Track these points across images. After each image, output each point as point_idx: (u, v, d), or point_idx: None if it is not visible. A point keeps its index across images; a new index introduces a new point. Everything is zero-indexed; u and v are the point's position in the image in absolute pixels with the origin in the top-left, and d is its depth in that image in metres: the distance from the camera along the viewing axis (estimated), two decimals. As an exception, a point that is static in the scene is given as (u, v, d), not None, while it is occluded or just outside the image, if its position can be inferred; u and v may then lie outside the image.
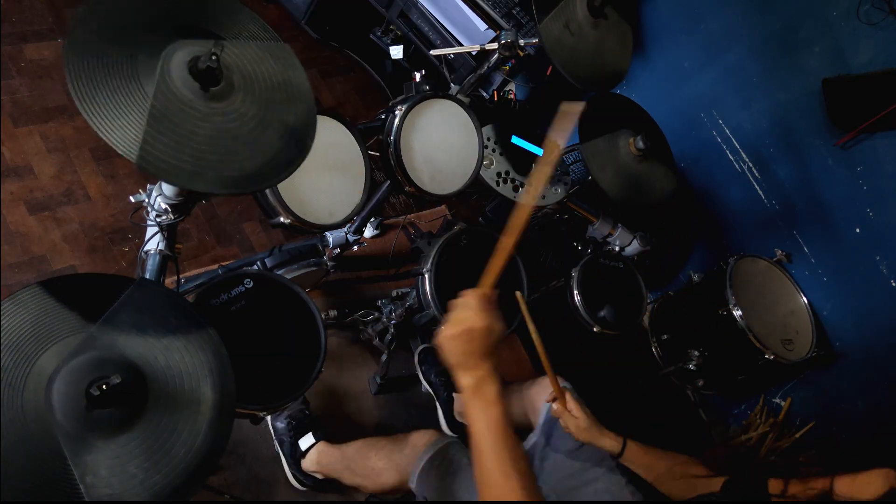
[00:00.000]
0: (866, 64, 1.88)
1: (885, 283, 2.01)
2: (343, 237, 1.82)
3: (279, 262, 1.70)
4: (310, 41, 2.76)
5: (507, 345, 2.39)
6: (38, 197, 1.91)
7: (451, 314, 0.99)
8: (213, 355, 1.02)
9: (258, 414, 1.34)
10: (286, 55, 1.16)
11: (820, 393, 2.27)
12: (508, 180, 1.84)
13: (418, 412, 2.10)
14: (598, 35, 1.71)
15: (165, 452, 0.91)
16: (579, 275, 1.90)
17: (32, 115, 2.01)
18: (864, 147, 1.97)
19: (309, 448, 1.75)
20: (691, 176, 2.52)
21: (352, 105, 2.77)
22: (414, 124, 1.60)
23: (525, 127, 1.92)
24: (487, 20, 2.38)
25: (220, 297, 1.37)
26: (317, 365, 1.42)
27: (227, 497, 1.63)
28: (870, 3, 1.84)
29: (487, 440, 0.91)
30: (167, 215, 1.24)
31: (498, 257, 1.07)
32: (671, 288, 2.69)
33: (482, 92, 2.62)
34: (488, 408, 0.93)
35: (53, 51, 2.14)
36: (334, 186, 1.47)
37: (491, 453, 0.91)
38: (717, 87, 2.33)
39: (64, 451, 0.84)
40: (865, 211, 2.01)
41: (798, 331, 2.12)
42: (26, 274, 1.80)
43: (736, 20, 2.20)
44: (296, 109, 1.14)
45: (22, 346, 0.88)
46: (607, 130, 1.80)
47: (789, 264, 2.27)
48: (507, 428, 0.92)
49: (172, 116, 0.97)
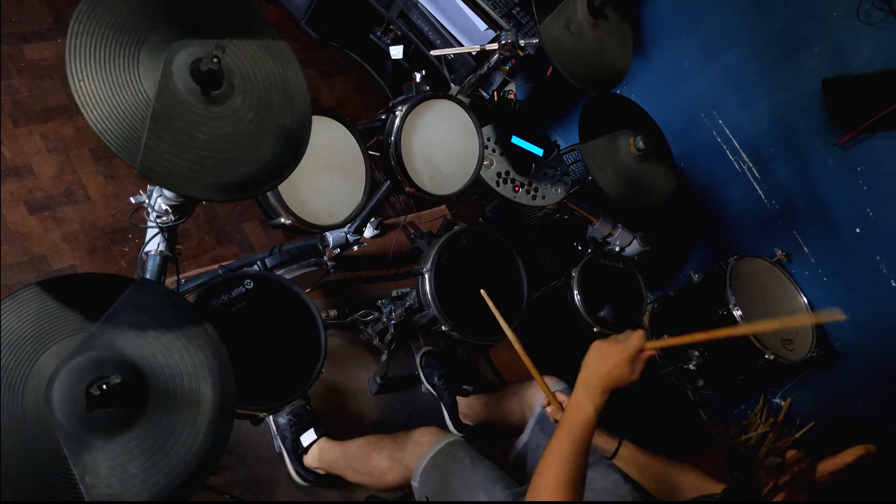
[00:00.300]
0: (866, 64, 1.88)
1: (885, 283, 2.01)
2: (343, 237, 1.83)
3: (279, 263, 1.70)
4: (310, 41, 2.76)
5: (506, 345, 2.39)
6: (38, 197, 1.91)
7: (624, 354, 1.15)
8: (213, 355, 1.02)
9: (258, 414, 1.34)
10: (284, 54, 1.16)
11: (820, 393, 2.27)
12: (508, 180, 1.84)
13: (418, 412, 2.10)
14: (598, 35, 1.71)
15: (165, 452, 0.91)
16: (579, 275, 1.90)
17: (32, 115, 2.01)
18: (864, 147, 1.97)
19: (310, 444, 1.75)
20: (691, 176, 2.52)
21: (352, 105, 2.77)
22: (414, 124, 1.60)
23: (525, 127, 1.92)
24: (487, 20, 2.38)
25: (221, 298, 1.37)
26: (317, 365, 1.42)
27: (227, 497, 1.63)
28: (870, 3, 1.84)
29: (570, 452, 1.05)
30: (167, 216, 1.24)
31: (690, 338, 1.22)
32: (671, 288, 2.69)
33: (482, 92, 2.62)
34: (588, 425, 1.08)
35: (53, 51, 2.14)
36: (334, 187, 1.47)
37: (566, 463, 1.03)
38: (717, 87, 2.33)
39: (64, 451, 0.84)
40: (865, 211, 2.01)
41: (798, 331, 2.12)
42: (26, 274, 1.80)
43: (736, 20, 2.20)
44: (292, 111, 1.14)
45: (22, 346, 0.88)
46: (607, 130, 1.80)
47: (789, 264, 2.27)
48: (587, 451, 1.07)
49: (174, 120, 0.97)
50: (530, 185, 1.87)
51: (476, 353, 2.33)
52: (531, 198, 1.87)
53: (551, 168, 1.93)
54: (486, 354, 2.35)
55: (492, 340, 1.75)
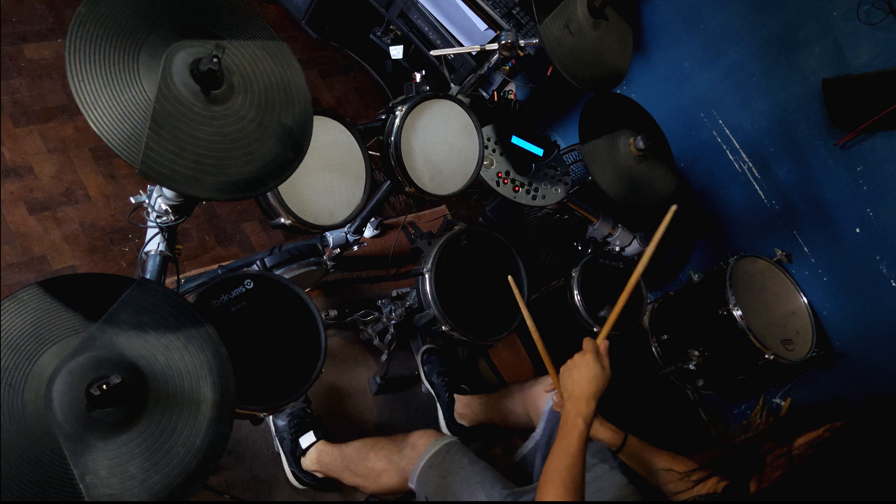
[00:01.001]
0: (866, 64, 1.88)
1: (885, 283, 2.01)
2: (343, 237, 1.83)
3: (279, 262, 1.71)
4: (310, 41, 2.76)
5: (506, 345, 2.40)
6: (38, 197, 1.91)
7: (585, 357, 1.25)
8: (213, 355, 1.02)
9: (258, 414, 1.34)
10: (284, 54, 1.16)
11: (820, 393, 2.27)
12: (508, 180, 1.84)
13: (418, 412, 2.10)
14: (598, 35, 1.71)
15: (165, 452, 0.91)
16: (579, 275, 1.90)
17: (32, 115, 2.01)
18: (864, 147, 1.97)
19: (309, 447, 1.75)
20: (691, 176, 2.52)
21: (352, 105, 2.77)
22: (414, 125, 1.60)
23: (525, 127, 1.92)
24: (487, 20, 2.38)
25: (221, 298, 1.37)
26: (317, 365, 1.42)
27: (227, 497, 1.63)
28: (870, 3, 1.84)
29: (569, 462, 1.13)
30: (167, 216, 1.25)
31: (615, 309, 1.30)
32: (671, 288, 2.70)
33: (482, 92, 2.62)
34: (581, 438, 1.16)
35: (53, 51, 2.14)
36: (334, 187, 1.47)
37: (565, 472, 1.12)
38: (717, 87, 2.33)
39: (64, 451, 0.84)
40: (865, 211, 2.01)
41: (798, 331, 2.12)
42: (26, 274, 1.80)
43: (736, 20, 2.20)
44: (293, 111, 1.14)
45: (22, 346, 0.88)
46: (607, 130, 1.80)
47: (789, 264, 2.27)
48: (584, 457, 1.16)
49: (174, 120, 0.97)
50: (530, 185, 1.87)
51: (476, 353, 2.33)
52: (531, 198, 1.87)
53: (551, 168, 1.93)
54: (486, 354, 2.35)
55: (492, 340, 1.75)
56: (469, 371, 2.28)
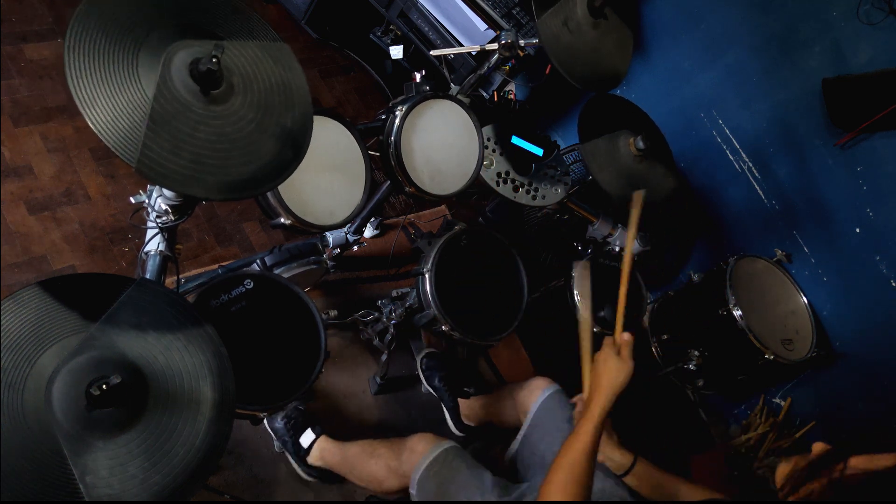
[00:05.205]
0: (866, 64, 1.88)
1: (885, 283, 2.01)
2: (343, 237, 1.82)
3: (278, 261, 1.71)
4: (310, 41, 2.76)
5: (506, 345, 2.40)
6: (38, 197, 1.91)
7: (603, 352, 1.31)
8: (213, 355, 1.02)
9: (258, 414, 1.34)
10: (285, 56, 1.16)
11: (820, 393, 2.27)
12: (508, 180, 1.84)
13: (419, 412, 2.10)
14: (596, 35, 1.71)
15: (165, 452, 0.91)
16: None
17: (32, 115, 2.01)
18: (864, 147, 1.97)
19: (311, 444, 1.75)
20: (691, 176, 2.52)
21: (352, 105, 2.77)
22: (414, 125, 1.60)
23: (525, 127, 1.91)
24: (487, 20, 2.38)
25: (221, 298, 1.37)
26: (317, 365, 1.42)
27: (227, 497, 1.63)
28: (870, 3, 1.84)
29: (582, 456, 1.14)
30: (167, 216, 1.24)
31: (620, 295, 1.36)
32: (671, 288, 2.69)
33: (482, 92, 2.62)
34: (593, 424, 1.18)
35: (53, 51, 2.14)
36: (334, 187, 1.47)
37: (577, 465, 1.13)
38: (717, 87, 2.33)
39: (64, 451, 0.84)
40: (865, 211, 2.01)
41: (798, 331, 2.12)
42: (26, 274, 1.80)
43: (736, 20, 2.20)
44: (293, 112, 1.14)
45: (22, 346, 0.88)
46: (607, 130, 1.80)
47: (789, 264, 2.27)
48: (595, 445, 1.17)
49: (172, 119, 0.97)
50: (530, 185, 1.87)
51: (476, 353, 2.33)
52: (531, 198, 1.87)
53: (551, 168, 1.93)
54: (486, 355, 2.35)
55: (492, 340, 1.75)
56: (470, 372, 2.27)
